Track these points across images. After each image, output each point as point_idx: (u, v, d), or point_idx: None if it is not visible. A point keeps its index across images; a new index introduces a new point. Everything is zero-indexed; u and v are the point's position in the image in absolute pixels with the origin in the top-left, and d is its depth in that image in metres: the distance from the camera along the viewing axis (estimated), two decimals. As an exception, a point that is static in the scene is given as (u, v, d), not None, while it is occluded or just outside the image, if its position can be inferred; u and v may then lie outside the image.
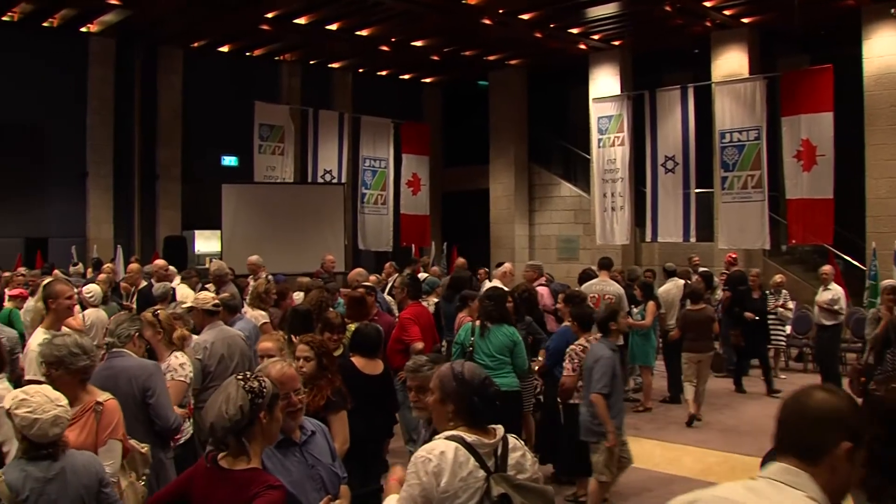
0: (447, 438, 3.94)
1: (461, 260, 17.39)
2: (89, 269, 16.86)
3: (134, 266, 15.33)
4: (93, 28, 22.72)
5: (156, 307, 8.31)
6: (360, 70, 27.57)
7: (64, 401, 4.46)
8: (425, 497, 3.83)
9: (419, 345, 9.45)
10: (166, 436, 6.30)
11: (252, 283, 13.28)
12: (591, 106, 23.50)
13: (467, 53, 24.95)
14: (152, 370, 6.28)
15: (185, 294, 12.07)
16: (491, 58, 25.59)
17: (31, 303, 11.40)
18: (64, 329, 7.26)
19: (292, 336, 7.50)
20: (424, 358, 5.76)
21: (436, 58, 25.42)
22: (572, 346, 9.03)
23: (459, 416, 4.03)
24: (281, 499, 3.85)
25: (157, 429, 6.13)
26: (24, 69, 21.86)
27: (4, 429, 5.14)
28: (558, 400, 9.36)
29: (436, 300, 13.13)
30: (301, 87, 26.37)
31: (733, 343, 15.68)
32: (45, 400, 4.37)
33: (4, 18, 21.55)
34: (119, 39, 23.24)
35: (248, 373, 4.07)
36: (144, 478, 5.57)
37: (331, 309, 9.37)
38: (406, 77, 28.91)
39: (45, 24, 22.14)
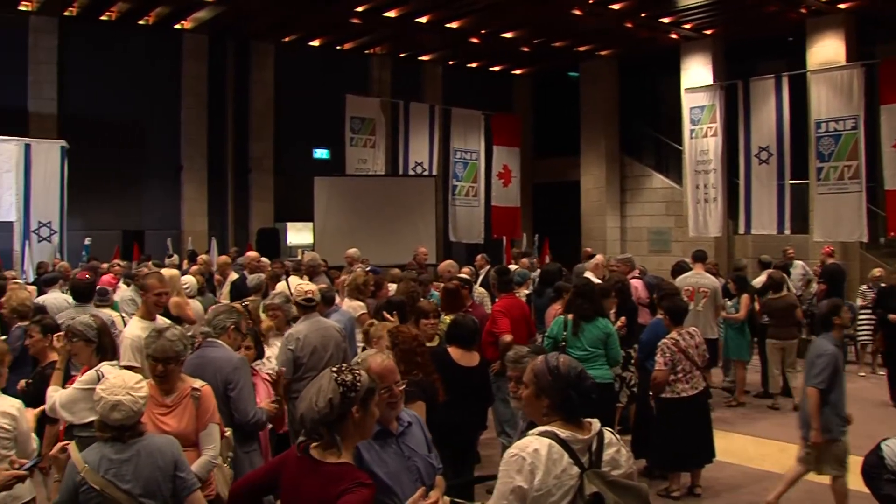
0: (540, 434, 3.87)
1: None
2: (185, 261, 17.10)
3: (223, 258, 15.52)
4: (186, 25, 23.10)
5: (245, 299, 8.42)
6: (450, 62, 27.56)
7: (140, 392, 4.56)
8: (519, 495, 3.77)
9: (507, 337, 9.41)
10: (245, 430, 6.34)
11: (344, 275, 13.38)
12: (683, 96, 23.20)
13: (557, 44, 24.78)
14: (237, 364, 6.33)
15: (288, 285, 12.16)
16: (581, 48, 25.41)
17: (124, 291, 11.67)
18: (161, 320, 7.48)
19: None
20: (526, 349, 5.74)
21: (526, 49, 25.30)
22: (664, 340, 8.93)
23: (555, 411, 3.95)
24: (370, 497, 3.84)
25: (235, 421, 6.18)
26: (122, 67, 22.36)
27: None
28: (650, 393, 9.27)
29: (526, 292, 13.08)
30: (391, 79, 26.45)
31: (874, 350, 15.30)
32: (120, 384, 4.52)
33: (102, 18, 22.07)
34: (212, 36, 23.61)
35: (343, 365, 4.06)
36: (229, 460, 5.69)
37: (423, 298, 9.41)
38: (496, 69, 28.80)
39: (140, 23, 22.61)
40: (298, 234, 23.77)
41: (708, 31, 23.04)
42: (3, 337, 8.18)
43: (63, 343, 6.45)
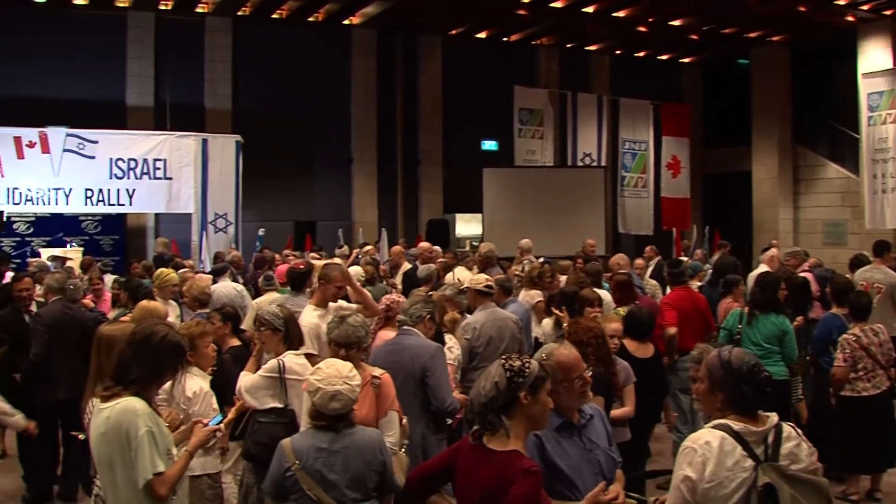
0: (713, 427, 3.84)
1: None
2: (355, 251, 17.36)
3: (396, 248, 15.68)
4: (355, 20, 23.51)
5: (417, 289, 8.50)
6: (618, 52, 27.29)
7: (355, 381, 4.66)
8: (691, 487, 3.75)
9: (672, 330, 9.27)
10: (441, 416, 6.44)
11: (515, 266, 13.38)
12: (861, 82, 22.33)
13: (727, 31, 24.26)
14: (435, 351, 6.45)
15: (461, 276, 12.23)
16: (752, 35, 24.78)
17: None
18: (340, 304, 7.63)
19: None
20: (712, 350, 5.65)
21: (695, 37, 24.88)
22: (845, 336, 8.61)
23: (729, 406, 3.90)
24: (537, 485, 3.85)
25: (432, 408, 6.29)
26: (293, 63, 23.03)
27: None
28: (830, 391, 8.98)
29: (699, 284, 12.87)
30: (559, 70, 26.38)
31: None
32: (335, 374, 4.61)
33: (273, 17, 22.66)
34: (380, 30, 23.99)
35: (514, 354, 4.09)
36: (405, 447, 5.73)
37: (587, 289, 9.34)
38: (664, 57, 28.39)
39: (310, 20, 23.17)
40: (467, 226, 23.87)
41: (887, 13, 22.04)
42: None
43: (218, 325, 6.96)
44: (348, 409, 4.62)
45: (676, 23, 23.49)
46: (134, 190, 18.58)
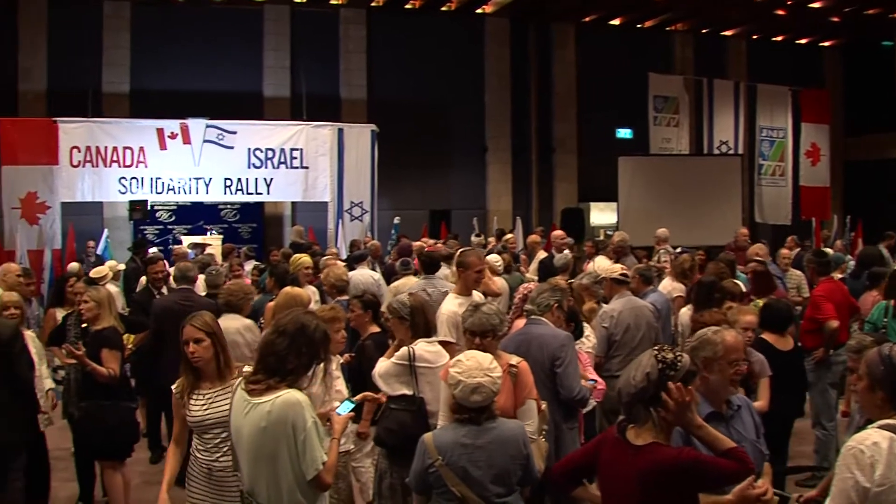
0: (880, 427, 3.64)
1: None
2: (491, 240, 17.36)
3: (533, 237, 15.63)
4: (487, 9, 23.56)
5: (552, 278, 8.43)
6: (755, 36, 26.77)
7: (496, 373, 4.63)
8: (860, 491, 3.56)
9: (834, 323, 9.02)
10: (570, 405, 6.37)
11: (653, 257, 13.23)
12: None
13: (870, 12, 23.49)
14: (564, 340, 6.36)
15: (601, 265, 12.13)
16: (897, 15, 24.05)
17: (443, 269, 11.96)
18: (475, 295, 7.62)
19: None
20: (869, 338, 5.47)
21: (835, 19, 24.21)
22: None
23: (890, 405, 3.73)
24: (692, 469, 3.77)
25: (560, 397, 6.22)
26: (427, 52, 23.17)
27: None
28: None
29: (840, 276, 12.51)
30: (694, 56, 25.99)
31: None
32: (476, 366, 4.58)
33: (406, 7, 22.92)
34: (513, 18, 23.95)
35: (666, 345, 4.03)
36: (544, 433, 5.69)
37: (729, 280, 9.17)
38: (803, 41, 27.75)
39: (443, 9, 23.28)
40: (601, 214, 23.74)
41: None
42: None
43: (359, 312, 7.29)
44: (490, 402, 4.59)
45: (816, 5, 22.91)
46: (271, 179, 19.01)
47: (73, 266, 12.76)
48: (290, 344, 4.41)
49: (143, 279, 11.52)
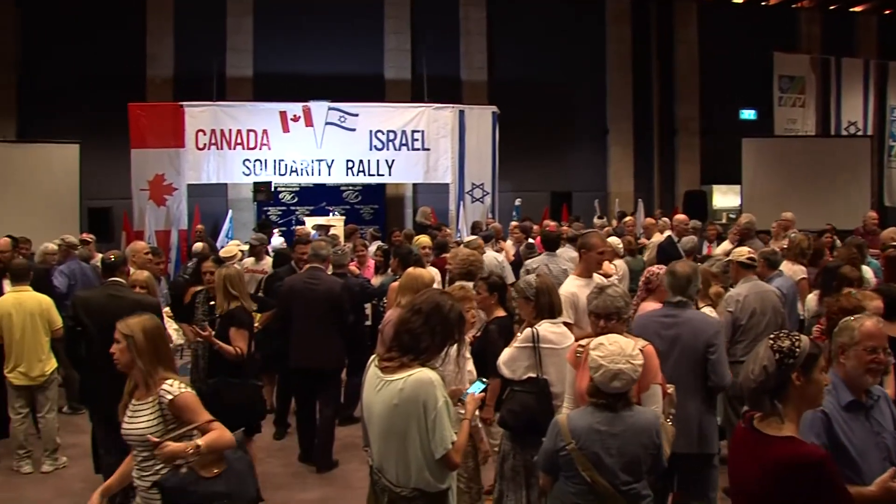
0: None
1: None
2: (613, 222, 17.23)
3: (648, 220, 15.50)
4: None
5: (683, 260, 8.30)
6: (886, 12, 25.91)
7: (638, 360, 4.58)
8: None
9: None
10: (716, 393, 6.33)
11: (773, 240, 12.95)
12: None
13: None
14: (717, 327, 6.30)
15: (725, 249, 11.94)
16: None
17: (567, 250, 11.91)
18: (596, 278, 7.57)
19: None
20: None
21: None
22: None
23: None
24: (826, 471, 3.63)
25: (709, 384, 6.14)
26: (547, 33, 23.02)
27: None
28: None
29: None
30: (821, 34, 25.30)
31: None
32: (618, 351, 4.54)
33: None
34: (635, -3, 23.67)
35: (782, 332, 3.87)
36: (671, 418, 5.61)
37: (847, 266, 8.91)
38: (938, 17, 26.82)
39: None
40: (724, 197, 23.32)
41: None
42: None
43: (484, 294, 7.25)
44: (629, 389, 4.56)
45: (953, -22, 22.12)
46: (393, 161, 19.18)
47: (198, 246, 13.02)
48: (424, 323, 4.46)
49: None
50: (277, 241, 16.54)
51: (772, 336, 3.81)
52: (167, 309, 8.81)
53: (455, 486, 4.66)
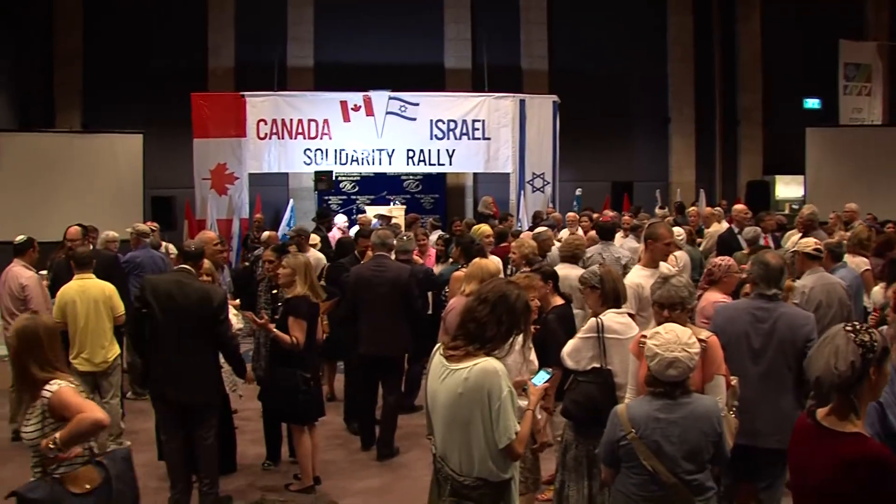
0: None
1: None
2: (674, 212, 17.10)
3: (708, 210, 15.37)
4: (670, -24, 23.08)
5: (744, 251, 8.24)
6: (959, -2, 25.42)
7: (694, 348, 4.54)
8: None
9: None
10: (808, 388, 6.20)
11: (839, 232, 12.78)
12: None
13: None
14: (812, 321, 6.15)
15: (792, 240, 11.82)
16: None
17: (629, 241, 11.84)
18: (663, 266, 7.54)
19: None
20: None
21: None
22: None
23: None
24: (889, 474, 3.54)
25: (805, 377, 5.98)
26: (608, 22, 22.96)
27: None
28: None
29: None
30: (889, 20, 24.85)
31: None
32: (674, 340, 4.51)
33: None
34: (697, -15, 23.45)
35: (856, 324, 3.74)
36: (734, 410, 5.53)
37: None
38: None
39: (625, -22, 22.88)
40: (787, 188, 23.04)
41: None
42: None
43: (539, 284, 7.12)
44: (685, 377, 4.52)
45: None
46: (453, 150, 19.23)
47: (265, 235, 13.07)
48: (490, 312, 4.46)
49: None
50: (341, 219, 16.70)
51: (848, 329, 3.67)
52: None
53: (518, 477, 4.66)
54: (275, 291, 8.64)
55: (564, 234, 14.10)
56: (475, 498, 4.40)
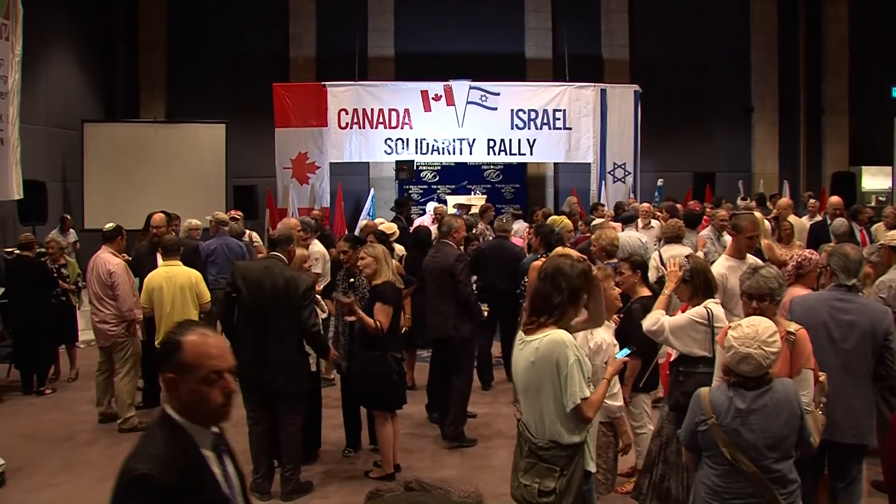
0: None
1: None
2: (753, 203, 16.92)
3: (784, 201, 15.17)
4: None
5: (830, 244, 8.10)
6: None
7: (772, 347, 4.47)
8: None
9: None
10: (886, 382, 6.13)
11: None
12: None
13: None
14: (891, 315, 6.11)
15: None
16: None
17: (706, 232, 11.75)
18: (749, 259, 7.48)
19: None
20: None
21: None
22: None
23: None
24: None
25: (882, 373, 5.96)
26: (691, 10, 22.68)
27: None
28: None
29: None
30: (980, 6, 24.33)
31: None
32: (752, 335, 4.48)
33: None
34: (781, -27, 23.11)
35: None
36: (822, 406, 5.47)
37: None
38: None
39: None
40: (873, 179, 22.59)
41: None
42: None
43: (628, 274, 7.49)
44: (761, 373, 4.48)
45: None
46: (534, 140, 19.26)
47: (362, 223, 13.16)
48: (550, 284, 4.86)
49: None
50: (432, 206, 16.85)
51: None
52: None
53: (593, 443, 4.97)
54: (352, 280, 8.71)
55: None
56: (548, 458, 4.74)
